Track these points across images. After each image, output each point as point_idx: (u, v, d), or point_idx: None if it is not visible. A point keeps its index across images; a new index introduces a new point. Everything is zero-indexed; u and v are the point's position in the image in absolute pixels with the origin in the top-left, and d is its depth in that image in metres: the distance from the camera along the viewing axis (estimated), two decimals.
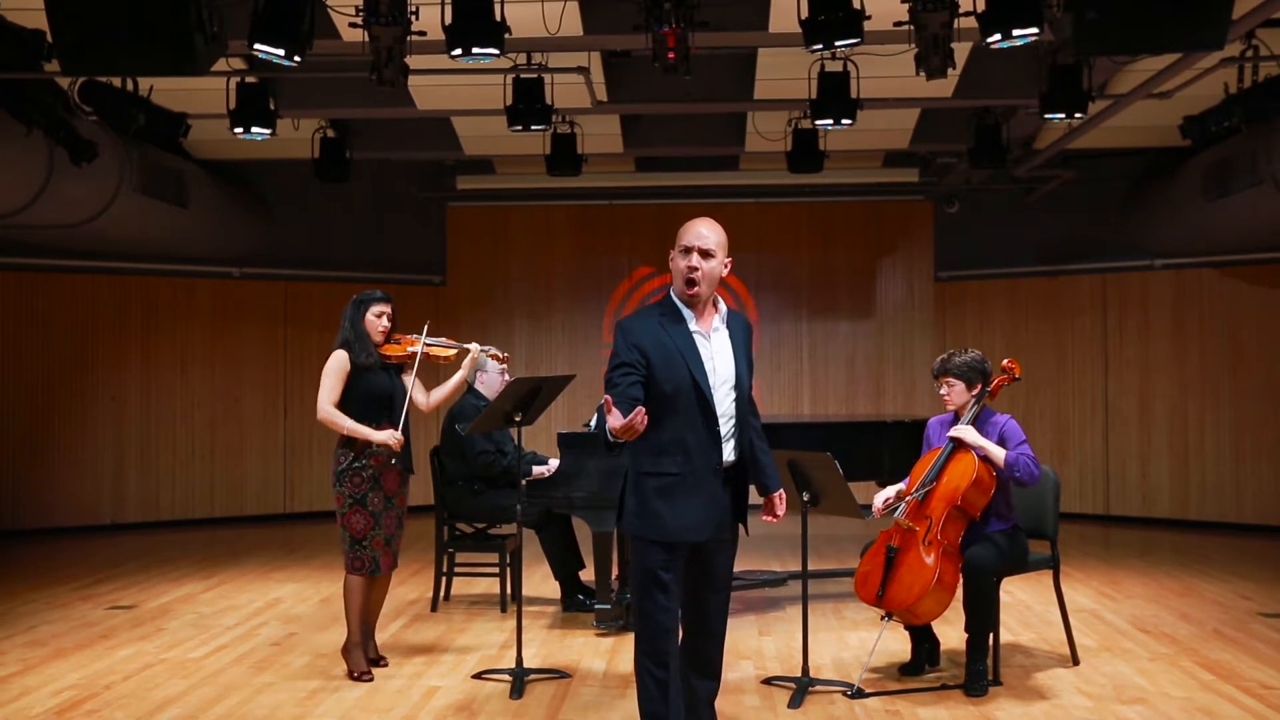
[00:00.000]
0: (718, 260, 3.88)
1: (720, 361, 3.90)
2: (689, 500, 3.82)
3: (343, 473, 5.43)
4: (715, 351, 3.91)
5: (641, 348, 3.83)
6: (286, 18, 5.92)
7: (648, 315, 3.94)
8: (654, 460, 3.84)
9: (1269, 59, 7.62)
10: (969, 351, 5.45)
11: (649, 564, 3.84)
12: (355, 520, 5.42)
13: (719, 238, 3.90)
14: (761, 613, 7.01)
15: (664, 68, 6.50)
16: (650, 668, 3.84)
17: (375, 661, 5.71)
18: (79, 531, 10.58)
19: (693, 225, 3.92)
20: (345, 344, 5.50)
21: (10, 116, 7.45)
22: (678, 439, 3.82)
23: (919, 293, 12.50)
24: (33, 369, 10.68)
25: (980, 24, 5.95)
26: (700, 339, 3.90)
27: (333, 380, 5.44)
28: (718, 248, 3.88)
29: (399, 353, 5.57)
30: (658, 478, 3.83)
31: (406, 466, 5.59)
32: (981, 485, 5.19)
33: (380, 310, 5.55)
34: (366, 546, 5.44)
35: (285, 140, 9.16)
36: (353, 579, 5.48)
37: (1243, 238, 10.18)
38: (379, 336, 5.54)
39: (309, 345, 11.66)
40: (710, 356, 3.89)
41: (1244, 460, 10.70)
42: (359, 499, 5.42)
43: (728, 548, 3.99)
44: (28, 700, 5.16)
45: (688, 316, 3.90)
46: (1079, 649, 5.80)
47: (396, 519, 5.55)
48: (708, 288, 3.89)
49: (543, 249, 12.62)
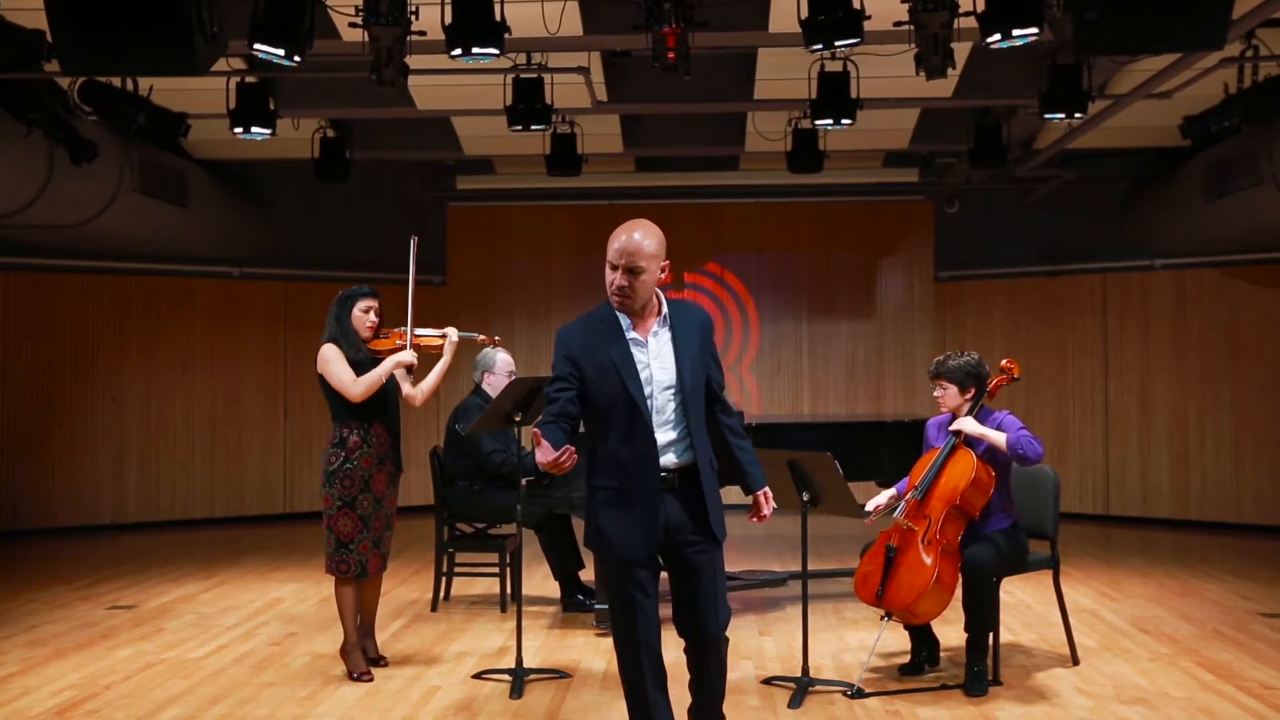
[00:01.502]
0: (649, 273, 3.66)
1: (658, 367, 3.72)
2: (628, 514, 3.68)
3: (333, 473, 5.39)
4: (654, 356, 3.72)
5: (574, 359, 3.71)
6: (286, 18, 5.92)
7: (584, 324, 3.78)
8: (599, 473, 3.75)
9: (1269, 59, 7.62)
10: (965, 354, 5.44)
11: (607, 576, 3.80)
12: (343, 523, 5.38)
13: (650, 249, 3.66)
14: (761, 613, 7.01)
15: (664, 68, 6.50)
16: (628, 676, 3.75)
17: (375, 661, 5.70)
18: (79, 531, 10.58)
19: (618, 237, 3.67)
20: (332, 340, 5.47)
21: (10, 116, 7.45)
22: (614, 452, 3.69)
23: (919, 293, 12.50)
24: (33, 369, 10.68)
25: (980, 24, 5.95)
26: (637, 346, 3.72)
27: (340, 364, 5.38)
28: (647, 260, 3.65)
29: (388, 347, 5.54)
30: (603, 491, 3.73)
31: (397, 465, 5.57)
32: (980, 485, 5.19)
33: (367, 305, 5.52)
34: (353, 550, 5.39)
35: (285, 140, 9.15)
36: (342, 586, 5.46)
37: (1243, 238, 10.18)
38: (366, 332, 5.52)
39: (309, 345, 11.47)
40: (647, 364, 3.71)
41: (1244, 460, 10.70)
42: (348, 501, 5.38)
43: (704, 551, 3.73)
44: (28, 700, 5.16)
45: (625, 323, 3.73)
46: (1079, 649, 5.80)
47: (385, 520, 5.51)
48: (640, 299, 3.70)
49: (543, 249, 12.62)
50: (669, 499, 3.70)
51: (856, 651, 5.97)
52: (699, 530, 3.73)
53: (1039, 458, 5.14)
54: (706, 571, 3.74)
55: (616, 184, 12.04)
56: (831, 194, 12.25)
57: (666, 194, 12.25)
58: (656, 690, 3.75)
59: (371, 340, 5.54)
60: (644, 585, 3.69)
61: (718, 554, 3.78)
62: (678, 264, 12.39)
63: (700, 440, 3.75)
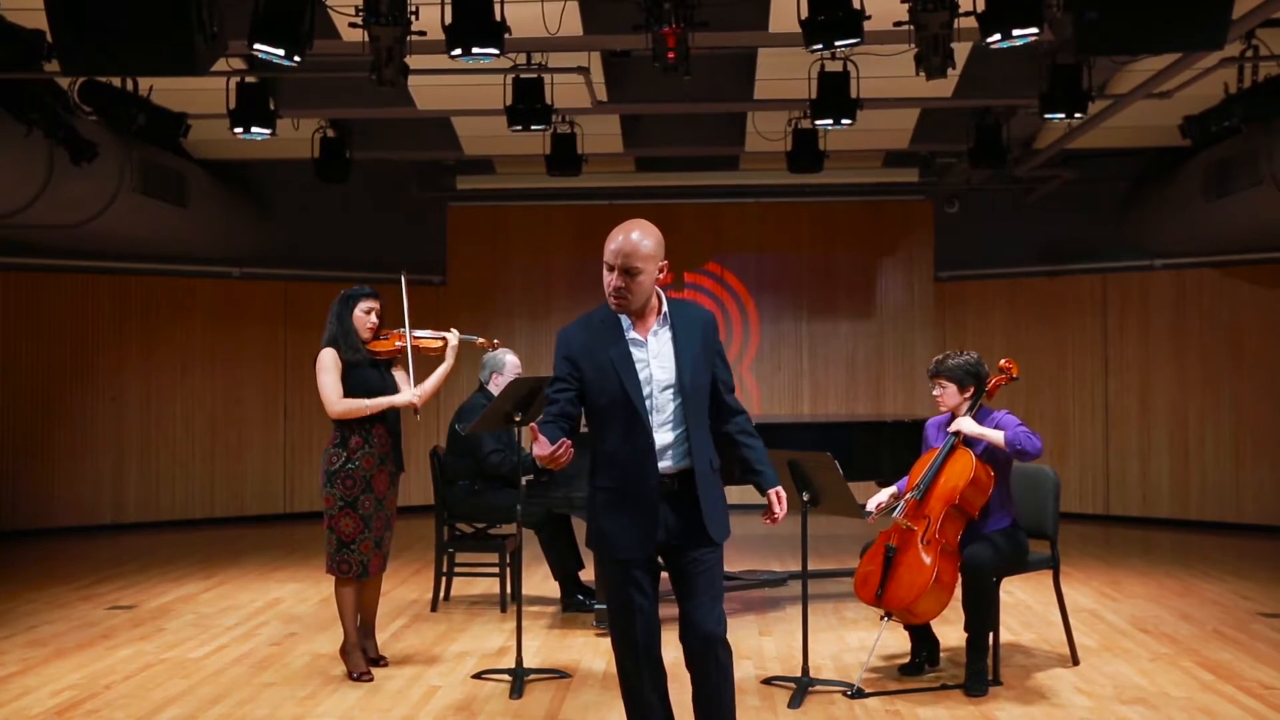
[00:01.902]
0: (646, 274, 3.62)
1: (658, 366, 3.68)
2: (623, 515, 3.65)
3: (334, 474, 5.39)
4: (653, 356, 3.68)
5: (574, 359, 3.69)
6: (286, 18, 5.92)
7: (585, 324, 3.75)
8: (600, 473, 3.73)
9: (1269, 59, 7.62)
10: (964, 354, 5.45)
11: (606, 576, 3.78)
12: (345, 523, 5.39)
13: (647, 249, 3.62)
14: (761, 613, 7.01)
15: (664, 68, 6.50)
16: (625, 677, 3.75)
17: (376, 661, 5.70)
18: (79, 532, 10.58)
19: (614, 237, 3.63)
20: (332, 341, 5.47)
21: (10, 117, 7.45)
22: (614, 452, 3.67)
23: (919, 293, 12.50)
24: (32, 369, 10.68)
25: (980, 24, 5.95)
26: (636, 346, 3.68)
27: (331, 376, 5.40)
28: (644, 261, 3.61)
29: (388, 348, 5.55)
30: (603, 492, 3.71)
31: (398, 465, 5.58)
32: (979, 484, 5.19)
33: (368, 306, 5.52)
34: (354, 550, 5.40)
35: (285, 140, 9.16)
36: (342, 586, 5.47)
37: (1243, 238, 10.18)
38: (367, 333, 5.52)
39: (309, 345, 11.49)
40: (646, 363, 3.67)
41: (1244, 460, 10.70)
42: (350, 502, 5.38)
43: (702, 556, 3.69)
44: (28, 700, 5.16)
45: (625, 323, 3.70)
46: (1079, 649, 5.80)
47: (386, 520, 5.52)
48: (638, 300, 3.67)
49: (543, 249, 12.62)
50: (666, 502, 3.67)
51: (856, 651, 5.97)
52: (695, 534, 3.69)
53: (1039, 452, 5.14)
54: (704, 575, 3.70)
55: (616, 184, 12.04)
56: (831, 194, 12.25)
57: (666, 194, 12.25)
58: (653, 691, 3.73)
59: (371, 341, 5.53)
60: (642, 586, 3.67)
61: (714, 556, 3.73)
62: (677, 264, 12.45)
63: (700, 442, 3.71)
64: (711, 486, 3.72)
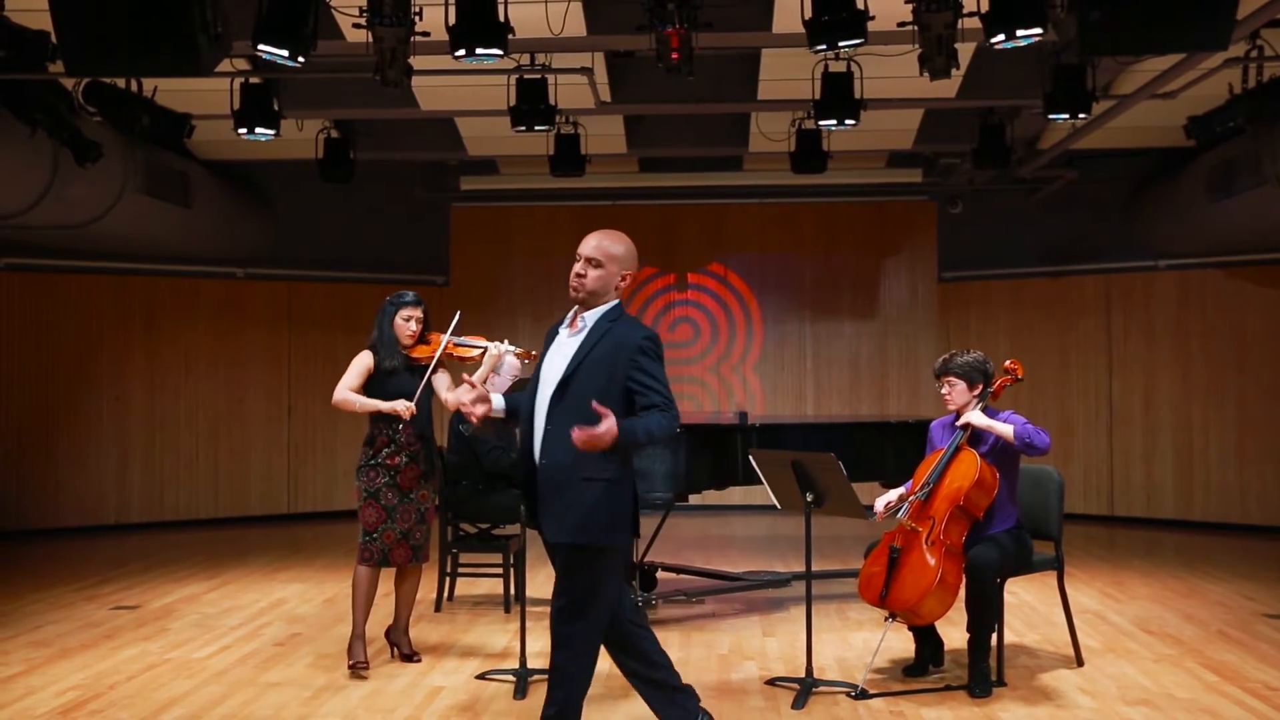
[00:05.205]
0: (607, 271, 3.90)
1: (556, 361, 3.91)
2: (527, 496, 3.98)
3: (361, 468, 5.62)
4: (558, 351, 3.94)
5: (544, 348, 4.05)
6: (290, 18, 5.92)
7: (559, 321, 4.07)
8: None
9: (1274, 59, 7.60)
10: (971, 352, 5.46)
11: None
12: (368, 513, 5.56)
13: (615, 250, 3.92)
14: (765, 613, 7.01)
15: (667, 68, 6.51)
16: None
17: (409, 657, 5.82)
18: (83, 532, 10.60)
19: (592, 234, 3.96)
20: (372, 345, 5.62)
21: (15, 117, 7.45)
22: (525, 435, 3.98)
23: (923, 293, 12.49)
24: (37, 369, 10.70)
25: (984, 24, 5.95)
26: (558, 339, 3.97)
27: (354, 374, 5.59)
28: (608, 259, 3.90)
29: (428, 353, 5.61)
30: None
31: (429, 465, 5.69)
32: (984, 486, 5.19)
33: (409, 314, 5.60)
34: (376, 539, 5.54)
35: (289, 141, 9.16)
36: (360, 570, 5.58)
37: (1247, 238, 10.17)
38: (407, 340, 5.61)
39: (313, 346, 11.68)
40: (551, 358, 3.94)
41: (1248, 461, 10.68)
42: (373, 493, 5.55)
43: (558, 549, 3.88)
44: (32, 700, 5.17)
45: (566, 320, 4.01)
46: (1083, 650, 5.80)
47: (417, 514, 5.62)
48: (588, 290, 3.91)
49: (546, 250, 12.59)
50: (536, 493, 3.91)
51: (860, 652, 5.97)
52: (554, 529, 3.88)
53: (1047, 447, 5.15)
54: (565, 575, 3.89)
55: (620, 185, 12.04)
56: (835, 194, 12.24)
57: (670, 194, 12.26)
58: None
59: (413, 347, 5.62)
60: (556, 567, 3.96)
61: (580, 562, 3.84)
62: (680, 265, 12.55)
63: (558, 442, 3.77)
64: (564, 487, 3.81)
